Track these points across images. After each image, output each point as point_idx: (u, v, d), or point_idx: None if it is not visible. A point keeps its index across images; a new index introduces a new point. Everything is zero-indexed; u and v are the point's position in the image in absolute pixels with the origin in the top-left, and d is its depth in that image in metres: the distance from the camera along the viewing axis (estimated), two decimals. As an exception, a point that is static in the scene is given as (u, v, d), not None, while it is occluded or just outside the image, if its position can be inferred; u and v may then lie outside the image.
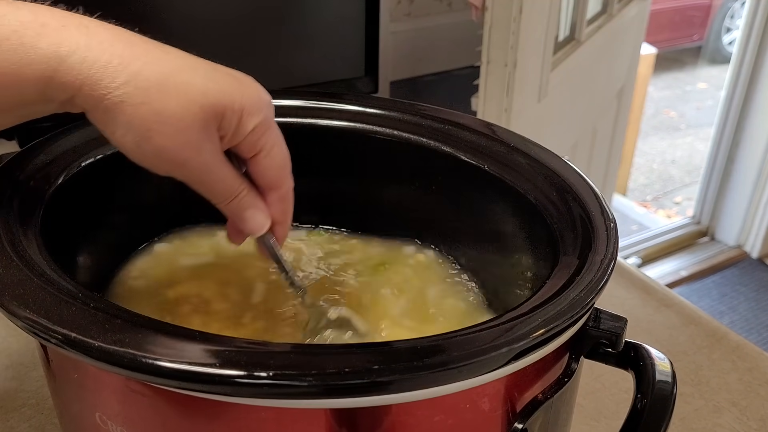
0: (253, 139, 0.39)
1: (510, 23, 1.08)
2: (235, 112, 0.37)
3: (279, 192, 0.42)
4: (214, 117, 0.37)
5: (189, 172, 0.38)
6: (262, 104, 0.39)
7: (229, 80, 0.38)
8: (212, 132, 0.37)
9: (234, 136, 0.38)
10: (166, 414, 0.35)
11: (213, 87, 0.37)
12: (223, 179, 0.39)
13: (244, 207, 0.40)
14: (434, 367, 0.32)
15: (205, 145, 0.37)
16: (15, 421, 0.57)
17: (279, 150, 0.40)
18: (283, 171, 0.41)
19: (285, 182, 0.42)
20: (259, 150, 0.39)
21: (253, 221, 0.41)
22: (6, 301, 0.34)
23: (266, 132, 0.39)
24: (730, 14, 4.52)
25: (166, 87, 0.35)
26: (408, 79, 1.28)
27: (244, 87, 0.38)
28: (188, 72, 0.36)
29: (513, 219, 0.51)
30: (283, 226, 0.43)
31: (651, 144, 3.63)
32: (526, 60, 1.14)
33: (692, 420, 0.61)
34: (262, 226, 0.41)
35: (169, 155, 0.37)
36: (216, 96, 0.36)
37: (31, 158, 0.47)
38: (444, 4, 1.30)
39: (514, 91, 1.13)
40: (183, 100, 0.36)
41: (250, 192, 0.41)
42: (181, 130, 0.36)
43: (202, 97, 0.36)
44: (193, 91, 0.36)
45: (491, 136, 0.53)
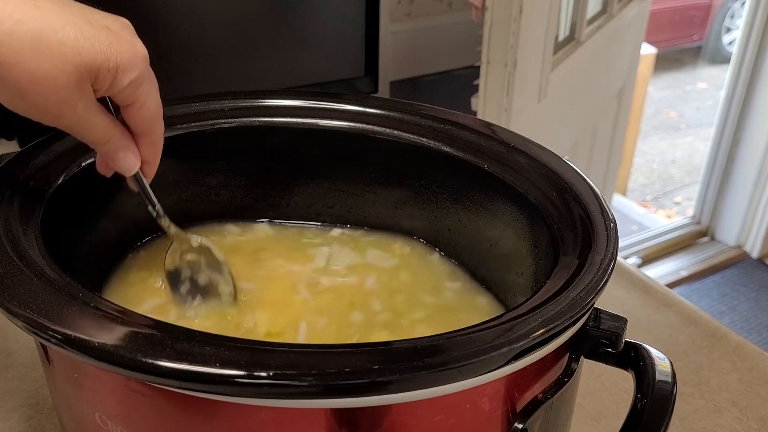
0: (128, 92, 0.40)
1: (510, 23, 1.08)
2: (110, 71, 0.38)
3: (151, 137, 0.44)
4: (88, 76, 0.38)
5: (63, 125, 0.40)
6: (137, 60, 0.40)
7: (105, 36, 0.38)
8: (86, 88, 0.39)
9: (108, 90, 0.40)
10: (166, 414, 0.35)
11: (88, 47, 0.37)
12: (96, 128, 0.41)
13: (116, 149, 0.43)
14: (434, 367, 0.32)
15: (79, 102, 0.39)
16: (15, 421, 0.57)
17: (152, 101, 0.42)
18: (155, 120, 0.44)
19: (156, 129, 0.44)
20: (132, 102, 0.41)
21: (124, 162, 0.44)
22: (6, 301, 0.34)
23: (140, 86, 0.41)
24: (730, 14, 4.52)
25: (39, 47, 0.36)
26: (408, 79, 1.28)
27: (119, 43, 0.39)
28: (62, 30, 0.36)
29: (513, 219, 0.51)
30: (152, 165, 0.46)
31: (651, 144, 3.63)
32: (526, 60, 1.14)
33: (692, 420, 0.61)
34: (132, 166, 0.44)
35: (43, 111, 0.38)
36: (90, 55, 0.37)
37: (31, 158, 0.47)
38: (444, 4, 1.30)
39: (514, 91, 1.13)
40: (56, 60, 0.36)
41: (122, 136, 0.43)
42: (55, 90, 0.37)
43: (76, 57, 0.37)
44: (67, 52, 0.36)
45: (491, 136, 0.54)
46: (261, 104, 0.57)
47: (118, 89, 0.40)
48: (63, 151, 0.48)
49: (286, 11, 0.89)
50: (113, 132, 0.42)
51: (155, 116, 0.43)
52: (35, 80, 0.36)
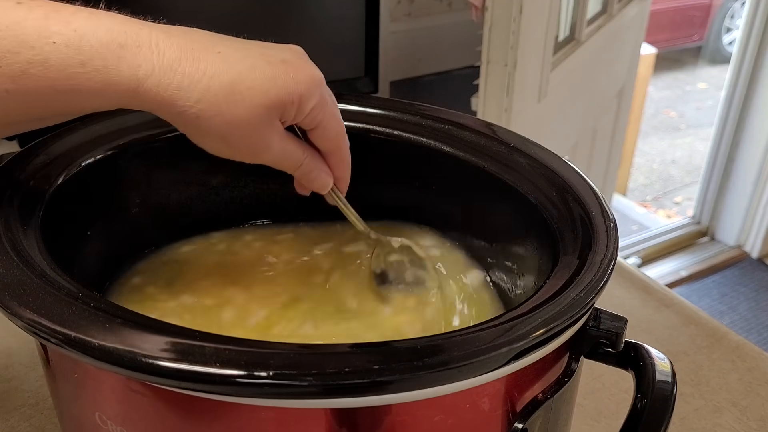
0: (311, 117, 0.44)
1: (510, 23, 1.08)
2: (294, 103, 0.42)
3: (338, 155, 0.47)
4: (277, 112, 0.42)
5: (262, 160, 0.44)
6: (315, 86, 0.43)
7: (284, 72, 0.41)
8: (276, 124, 0.42)
9: (295, 119, 0.43)
10: (166, 414, 0.35)
11: (272, 87, 0.41)
12: (290, 156, 0.45)
13: (309, 171, 0.46)
14: (434, 367, 0.32)
15: (273, 137, 0.42)
16: (15, 421, 0.57)
17: (334, 121, 0.45)
18: (339, 138, 0.47)
19: (341, 146, 0.47)
20: (316, 125, 0.45)
21: (318, 182, 0.47)
22: (6, 301, 0.34)
23: (322, 109, 0.44)
24: (730, 14, 4.52)
25: (233, 97, 0.40)
26: (408, 79, 1.28)
27: (297, 74, 0.42)
28: (249, 76, 0.40)
29: (513, 219, 0.51)
30: (344, 180, 0.49)
31: (651, 144, 3.63)
32: (526, 60, 1.14)
33: (692, 420, 0.61)
34: (326, 185, 0.48)
35: (243, 152, 0.43)
36: (276, 95, 0.41)
37: (31, 158, 0.47)
38: (444, 4, 1.30)
39: (514, 91, 1.13)
40: (249, 105, 0.40)
41: (313, 158, 0.46)
42: (251, 132, 0.41)
43: (264, 99, 0.40)
44: (256, 96, 0.40)
45: (491, 136, 0.54)
46: (261, 104, 0.57)
47: (303, 116, 0.43)
48: (63, 151, 0.48)
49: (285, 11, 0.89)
50: (303, 156, 0.45)
51: (339, 134, 0.46)
52: (233, 126, 0.40)
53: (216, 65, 0.39)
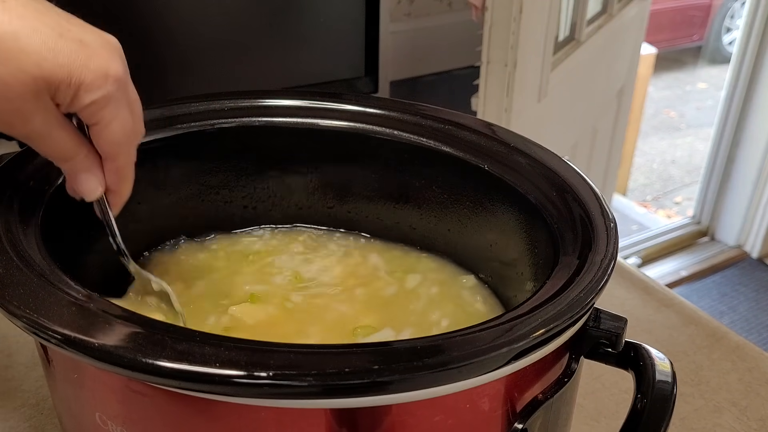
0: (90, 111, 0.39)
1: (510, 23, 1.08)
2: (70, 86, 0.37)
3: (114, 163, 0.42)
4: (46, 88, 0.37)
5: (17, 134, 0.39)
6: (104, 80, 0.38)
7: (73, 50, 0.37)
8: (44, 101, 0.37)
9: (70, 106, 0.39)
10: (166, 414, 0.35)
11: (50, 59, 0.36)
12: (55, 143, 0.40)
13: (78, 170, 0.41)
14: (434, 367, 0.32)
15: (35, 114, 0.37)
16: (15, 421, 0.57)
17: (118, 125, 0.40)
18: (120, 146, 0.41)
19: (120, 156, 0.42)
20: (96, 122, 0.40)
21: (85, 186, 0.42)
22: (6, 301, 0.34)
23: (105, 107, 0.39)
24: (730, 14, 4.51)
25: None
26: (408, 79, 1.28)
27: (89, 60, 0.37)
28: (27, 37, 0.36)
29: (513, 219, 0.51)
30: (118, 195, 0.44)
31: (651, 144, 3.63)
32: (526, 60, 1.14)
33: (692, 420, 0.61)
34: (93, 191, 0.43)
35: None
36: (51, 69, 0.36)
37: (31, 158, 0.47)
38: (444, 4, 1.30)
39: (514, 91, 1.13)
40: (14, 68, 0.35)
41: (87, 157, 0.41)
42: (8, 99, 0.36)
43: (35, 68, 0.36)
44: (26, 61, 0.36)
45: (491, 136, 0.53)
46: (261, 104, 0.57)
47: (79, 107, 0.38)
48: (63, 151, 0.48)
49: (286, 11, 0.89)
50: (77, 151, 0.41)
51: (120, 142, 0.41)
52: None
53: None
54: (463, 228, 0.56)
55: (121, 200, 0.44)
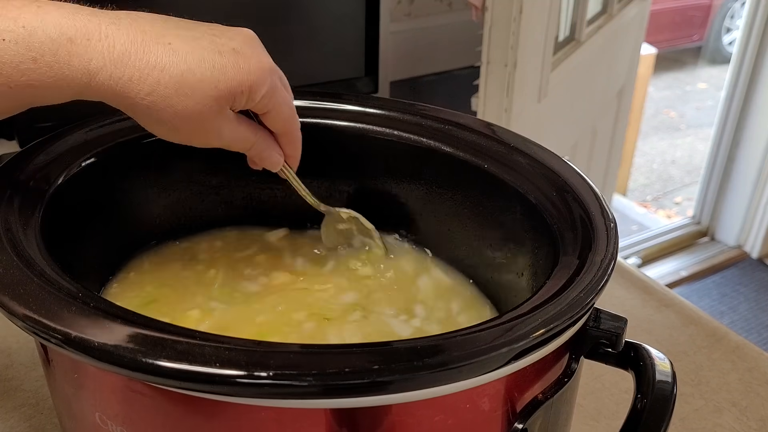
0: (262, 104, 0.45)
1: (510, 23, 1.08)
2: (243, 93, 0.43)
3: (289, 136, 0.49)
4: (227, 102, 0.43)
5: (214, 145, 0.45)
6: (266, 75, 0.44)
7: (234, 62, 0.42)
8: (226, 113, 0.43)
9: (245, 106, 0.44)
10: (166, 414, 0.35)
11: (222, 78, 0.42)
12: (241, 140, 0.46)
13: (261, 150, 0.48)
14: (434, 367, 0.32)
15: (223, 125, 0.44)
16: (15, 421, 0.57)
17: (284, 106, 0.47)
18: (290, 120, 0.48)
19: (292, 128, 0.49)
20: (268, 111, 0.46)
21: (270, 161, 0.49)
22: (6, 301, 0.34)
23: (273, 96, 0.45)
24: (730, 14, 4.51)
25: (183, 90, 0.40)
26: (408, 79, 1.28)
27: (248, 64, 0.43)
28: (199, 69, 0.41)
29: (513, 219, 0.51)
30: (294, 159, 0.51)
31: (651, 144, 3.63)
32: (526, 60, 1.14)
33: (692, 420, 0.61)
34: (277, 163, 0.50)
35: (195, 140, 0.44)
36: (226, 86, 0.42)
37: (31, 158, 0.47)
38: (444, 4, 1.30)
39: (514, 91, 1.13)
40: (199, 98, 0.41)
41: (264, 139, 0.48)
42: (201, 122, 0.42)
43: (213, 90, 0.41)
44: (205, 88, 0.41)
45: (491, 136, 0.54)
46: (261, 104, 0.57)
47: (254, 103, 0.44)
48: (63, 151, 0.48)
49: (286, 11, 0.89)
50: (255, 138, 0.47)
51: (289, 118, 0.48)
52: (184, 117, 0.41)
53: (166, 57, 0.40)
54: (463, 228, 0.56)
55: (297, 161, 0.52)
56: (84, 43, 0.38)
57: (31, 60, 0.37)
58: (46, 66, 0.38)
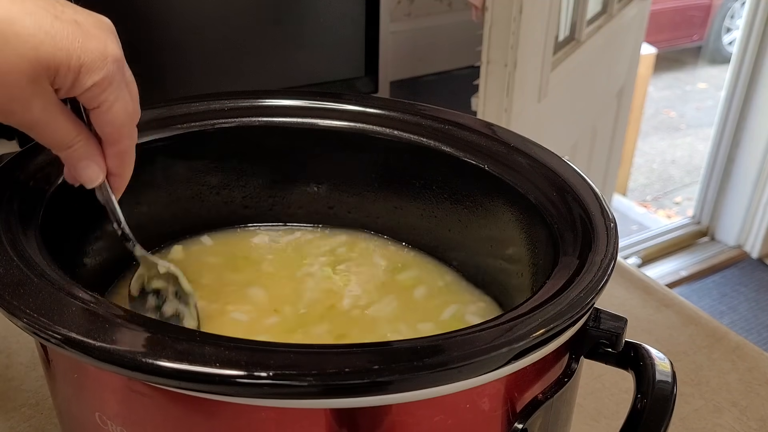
0: (91, 94, 0.38)
1: (510, 23, 1.08)
2: (70, 69, 0.36)
3: (117, 147, 0.41)
4: (46, 73, 0.36)
5: (17, 123, 0.37)
6: (105, 61, 0.37)
7: (71, 32, 0.36)
8: (43, 86, 0.36)
9: (71, 90, 0.37)
10: (166, 414, 0.35)
11: (48, 42, 0.35)
12: (55, 131, 0.39)
13: (78, 158, 0.40)
14: (434, 367, 0.32)
15: (34, 100, 0.36)
16: (15, 421, 0.57)
17: (120, 107, 0.39)
18: (123, 128, 0.41)
19: (123, 139, 0.41)
20: (97, 105, 0.39)
21: (86, 172, 0.41)
22: (6, 301, 0.34)
23: (107, 89, 0.38)
24: (730, 14, 4.51)
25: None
26: (408, 79, 1.28)
27: (87, 40, 0.36)
28: (22, 21, 0.34)
29: (513, 219, 0.51)
30: (120, 178, 0.43)
31: (651, 144, 3.63)
32: (526, 60, 1.14)
33: (692, 420, 0.61)
34: (94, 178, 0.42)
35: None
36: (50, 52, 0.35)
37: (31, 158, 0.47)
38: (444, 4, 1.30)
39: (514, 91, 1.13)
40: (11, 54, 0.34)
41: (87, 143, 0.40)
42: (6, 85, 0.35)
43: (33, 51, 0.35)
44: (23, 46, 0.34)
45: (491, 136, 0.54)
46: (261, 104, 0.57)
47: (81, 90, 0.37)
48: (63, 151, 0.48)
49: (286, 11, 0.89)
50: (76, 138, 0.40)
51: (123, 123, 0.40)
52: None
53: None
54: (463, 228, 0.56)
55: (124, 183, 0.44)
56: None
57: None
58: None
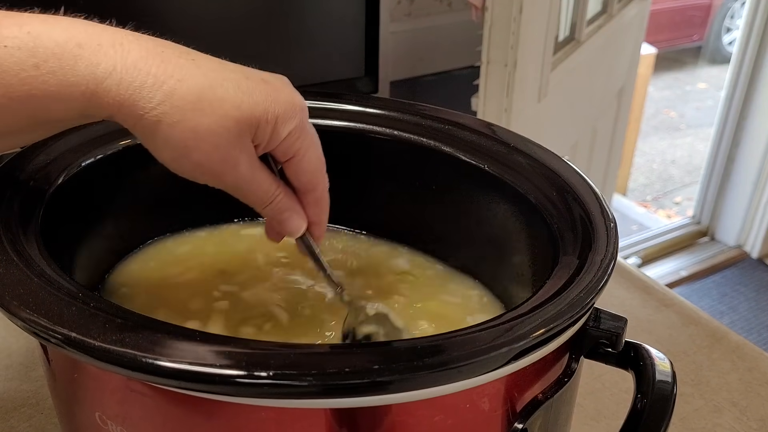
0: (287, 144, 0.40)
1: (510, 23, 1.08)
2: (269, 123, 0.38)
3: (314, 194, 0.43)
4: (249, 129, 0.38)
5: (226, 183, 0.39)
6: (295, 110, 0.39)
7: (262, 89, 0.38)
8: (247, 143, 0.38)
9: (269, 144, 0.39)
10: (166, 414, 0.35)
11: (246, 100, 0.37)
12: (259, 186, 0.40)
13: (281, 210, 0.42)
14: (434, 367, 0.32)
15: (241, 158, 0.38)
16: (15, 421, 0.57)
17: (313, 153, 0.41)
18: (318, 174, 0.42)
19: (320, 184, 0.43)
20: (293, 155, 0.40)
21: (290, 224, 0.42)
22: (6, 301, 0.34)
23: (300, 136, 0.40)
24: (730, 14, 4.52)
25: (201, 105, 0.36)
26: (408, 79, 1.28)
27: (277, 94, 0.39)
28: (221, 86, 0.37)
29: (513, 219, 0.51)
30: (320, 226, 0.44)
31: (651, 144, 3.63)
32: (526, 60, 1.14)
33: (692, 420, 0.61)
34: (298, 228, 0.43)
35: (206, 169, 0.38)
36: (250, 109, 0.37)
37: (31, 158, 0.47)
38: (444, 4, 1.30)
39: (514, 91, 1.13)
40: (217, 116, 0.36)
41: (286, 195, 0.42)
42: (217, 147, 0.37)
43: (236, 111, 0.37)
44: (227, 107, 0.36)
45: (491, 136, 0.54)
46: (261, 104, 0.57)
47: (278, 141, 0.39)
48: (63, 151, 0.48)
49: (286, 11, 0.89)
50: (277, 190, 0.41)
51: (317, 170, 0.42)
52: (197, 137, 0.36)
53: (186, 69, 0.36)
54: (463, 228, 0.56)
55: (323, 230, 0.44)
56: (94, 47, 0.35)
57: (33, 66, 0.34)
58: (49, 72, 0.34)
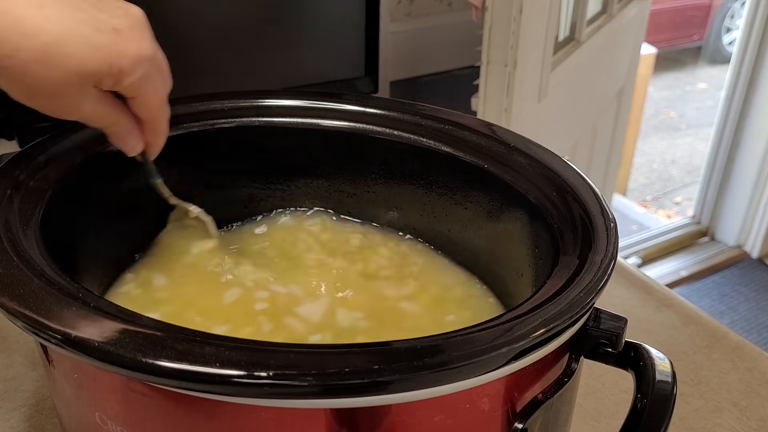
0: (129, 89, 0.43)
1: (510, 23, 1.08)
2: (111, 75, 0.41)
3: (152, 125, 0.48)
4: (91, 80, 0.41)
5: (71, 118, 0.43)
6: (140, 62, 0.42)
7: (111, 41, 0.40)
8: (88, 89, 0.42)
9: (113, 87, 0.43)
10: (166, 414, 0.35)
11: (91, 56, 0.40)
12: (100, 119, 0.44)
13: (119, 135, 0.47)
14: (434, 367, 0.32)
15: (83, 101, 0.42)
16: (15, 421, 0.57)
17: (153, 97, 0.45)
18: (156, 111, 0.47)
19: (158, 119, 0.47)
20: (133, 96, 0.44)
21: (127, 146, 0.48)
22: (6, 301, 0.34)
23: (141, 85, 0.43)
24: (730, 14, 4.52)
25: (46, 60, 0.39)
26: (408, 79, 1.28)
27: (126, 45, 0.41)
28: (69, 42, 0.39)
29: (513, 219, 0.51)
30: (155, 146, 0.49)
31: (651, 144, 3.63)
32: (526, 60, 1.14)
33: (692, 420, 0.61)
34: (133, 149, 0.48)
35: (50, 111, 0.42)
36: (94, 65, 0.40)
37: (31, 158, 0.47)
38: (444, 4, 1.30)
39: (514, 91, 1.13)
40: (61, 70, 0.39)
41: (127, 122, 0.46)
42: (60, 95, 0.41)
43: (80, 67, 0.40)
44: (72, 62, 0.39)
45: (491, 136, 0.54)
46: (261, 104, 0.57)
47: (120, 87, 0.43)
48: (63, 151, 0.48)
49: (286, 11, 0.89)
50: (115, 119, 0.45)
51: (156, 108, 0.46)
52: (41, 87, 0.39)
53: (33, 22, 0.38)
54: (462, 228, 0.56)
55: (158, 150, 0.50)
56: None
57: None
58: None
